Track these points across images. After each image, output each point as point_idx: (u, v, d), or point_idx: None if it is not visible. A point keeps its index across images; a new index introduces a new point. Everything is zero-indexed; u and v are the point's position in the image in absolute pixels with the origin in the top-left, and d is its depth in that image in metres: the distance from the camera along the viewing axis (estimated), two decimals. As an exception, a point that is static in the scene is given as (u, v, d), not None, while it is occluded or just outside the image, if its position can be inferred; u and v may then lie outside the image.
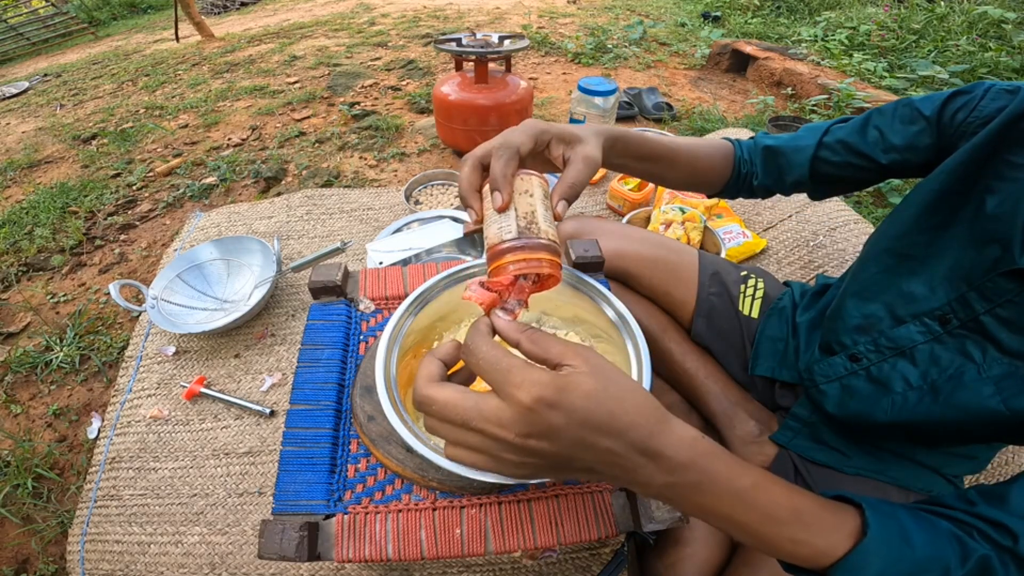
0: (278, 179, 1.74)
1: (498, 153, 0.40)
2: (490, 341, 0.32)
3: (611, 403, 0.28)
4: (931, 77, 2.13)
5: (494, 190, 0.39)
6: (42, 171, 2.01)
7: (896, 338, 0.52)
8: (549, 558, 0.75)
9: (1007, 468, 0.78)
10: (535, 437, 0.28)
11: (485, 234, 0.39)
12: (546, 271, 0.36)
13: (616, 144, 0.51)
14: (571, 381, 0.28)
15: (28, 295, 1.35)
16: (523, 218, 0.38)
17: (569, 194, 0.41)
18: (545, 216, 0.39)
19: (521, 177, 0.40)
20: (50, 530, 0.90)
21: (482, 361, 0.30)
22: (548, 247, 0.37)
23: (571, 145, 0.44)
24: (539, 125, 0.43)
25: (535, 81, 2.42)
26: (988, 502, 0.35)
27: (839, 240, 1.09)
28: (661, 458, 0.29)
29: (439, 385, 0.31)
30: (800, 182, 0.62)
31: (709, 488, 0.30)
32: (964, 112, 0.49)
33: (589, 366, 0.29)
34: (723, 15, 3.52)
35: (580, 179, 0.42)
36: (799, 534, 0.31)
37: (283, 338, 1.09)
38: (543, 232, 0.37)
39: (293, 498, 0.49)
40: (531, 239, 0.36)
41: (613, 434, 0.28)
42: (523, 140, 0.41)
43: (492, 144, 0.41)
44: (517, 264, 0.36)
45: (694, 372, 0.74)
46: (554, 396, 0.27)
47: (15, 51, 4.51)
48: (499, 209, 0.38)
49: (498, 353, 0.30)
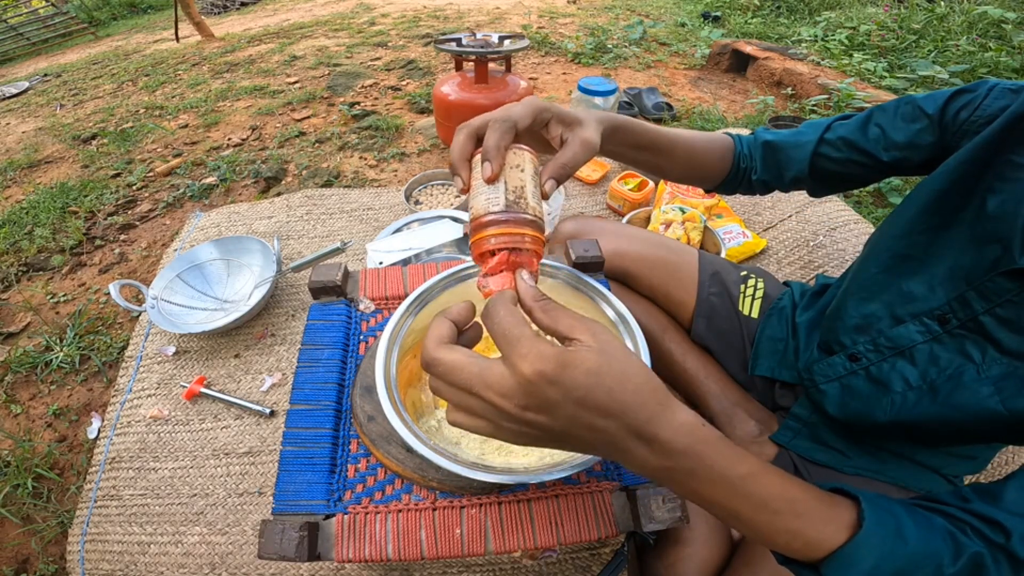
0: (278, 179, 1.74)
1: (494, 125, 0.39)
2: (509, 307, 0.31)
3: (611, 382, 0.28)
4: (931, 77, 2.13)
5: (485, 160, 0.38)
6: (42, 171, 2.01)
7: (895, 338, 0.52)
8: (549, 558, 0.75)
9: (1007, 468, 0.78)
10: (532, 410, 0.28)
11: (470, 204, 0.38)
12: (527, 247, 0.36)
13: (616, 132, 0.51)
14: (575, 357, 0.28)
15: (28, 295, 1.35)
16: (512, 192, 0.37)
17: (560, 174, 0.40)
18: (534, 193, 0.38)
19: (514, 151, 0.40)
20: (50, 530, 0.90)
21: (496, 325, 0.30)
22: (532, 223, 0.36)
23: (570, 127, 0.43)
24: (540, 103, 0.42)
25: (535, 81, 2.42)
26: (982, 499, 0.35)
27: (839, 240, 1.09)
28: (656, 442, 0.29)
29: (447, 347, 0.31)
30: (800, 178, 0.62)
31: (704, 475, 0.30)
32: (967, 111, 0.49)
33: (596, 342, 0.29)
34: (723, 15, 3.52)
35: (574, 161, 0.41)
36: (793, 524, 0.31)
37: (283, 338, 1.09)
38: (530, 208, 0.37)
39: (293, 498, 0.49)
40: (517, 213, 0.36)
41: (610, 415, 0.28)
42: (522, 115, 0.40)
43: (490, 115, 0.41)
44: (499, 238, 0.35)
45: (694, 372, 0.74)
46: (555, 371, 0.27)
47: (15, 51, 4.52)
48: (488, 180, 0.37)
49: (513, 320, 0.30)
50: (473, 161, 0.41)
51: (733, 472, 0.30)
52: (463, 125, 0.41)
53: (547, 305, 0.32)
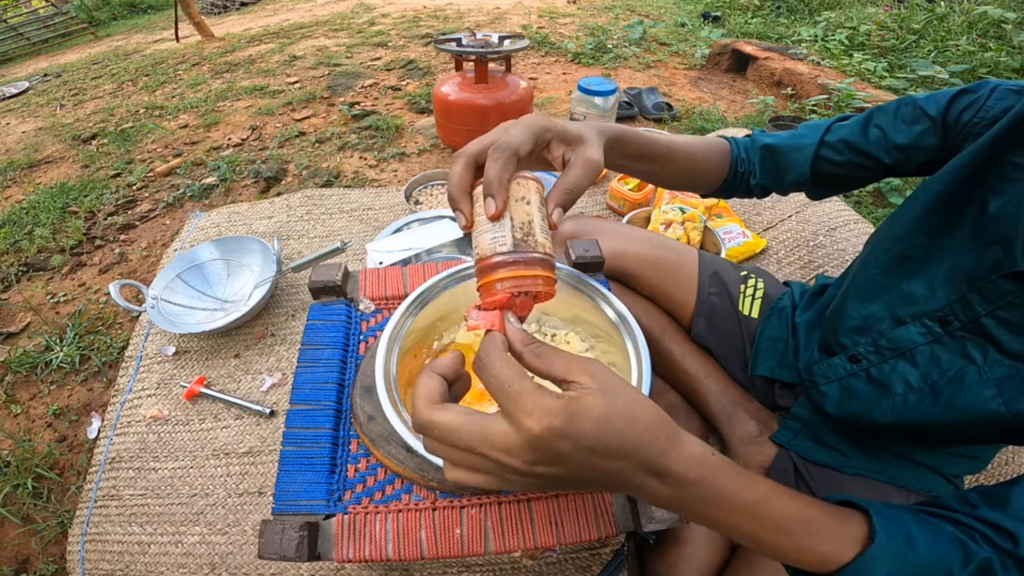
0: (278, 179, 1.74)
1: (495, 154, 0.36)
2: (504, 358, 0.30)
3: (620, 424, 0.27)
4: (931, 77, 2.13)
5: (487, 195, 0.35)
6: (42, 171, 2.01)
7: (896, 339, 0.52)
8: (549, 558, 0.75)
9: (1007, 468, 0.78)
10: (542, 464, 0.28)
11: (475, 242, 0.36)
12: (541, 289, 0.34)
13: (616, 144, 0.50)
14: (581, 405, 0.27)
15: (28, 295, 1.35)
16: (519, 229, 0.35)
17: (566, 200, 0.38)
18: (542, 226, 0.36)
19: (518, 182, 0.36)
20: (50, 530, 0.90)
21: (493, 379, 0.29)
22: (544, 262, 0.34)
23: (572, 146, 0.41)
24: (540, 123, 0.39)
25: (535, 81, 2.42)
26: (989, 505, 0.35)
27: (839, 240, 1.09)
28: (670, 475, 0.29)
29: (441, 408, 0.30)
30: (800, 182, 0.62)
31: (717, 502, 0.30)
32: (970, 112, 0.49)
33: (597, 382, 0.28)
34: (723, 15, 3.52)
35: (580, 185, 0.39)
36: (807, 543, 0.31)
37: (283, 338, 1.09)
38: (539, 245, 0.35)
39: (293, 498, 0.49)
40: (526, 253, 0.34)
41: (622, 455, 0.28)
42: (523, 140, 0.37)
43: (487, 141, 0.38)
44: (510, 281, 0.33)
45: (694, 372, 0.74)
46: (563, 424, 0.26)
47: (15, 51, 4.52)
48: (492, 218, 0.35)
49: (511, 373, 0.29)
50: (475, 194, 0.37)
51: (745, 497, 0.30)
52: (459, 153, 0.39)
53: (537, 349, 0.31)
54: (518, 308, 0.35)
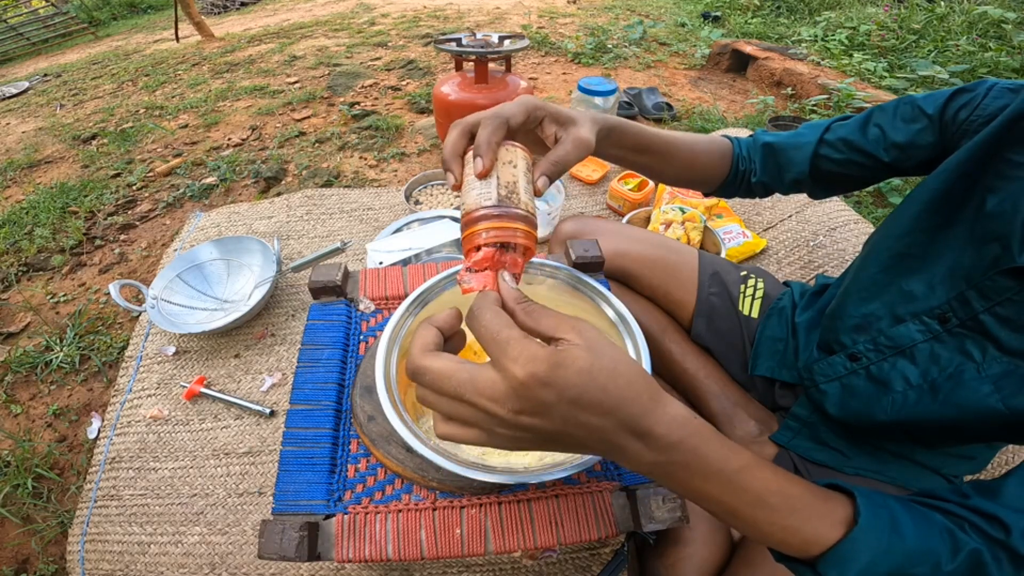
0: (278, 179, 1.74)
1: (486, 121, 0.39)
2: (495, 309, 0.31)
3: (604, 378, 0.28)
4: (931, 77, 2.13)
5: (477, 156, 0.38)
6: (42, 171, 2.01)
7: (896, 337, 0.52)
8: (549, 558, 0.75)
9: (1007, 468, 0.78)
10: (527, 413, 0.28)
11: (463, 200, 0.38)
12: (520, 241, 0.35)
13: (612, 133, 0.51)
14: (566, 356, 0.27)
15: (28, 295, 1.35)
16: (504, 187, 0.37)
17: (552, 171, 0.40)
18: (526, 188, 0.38)
19: (506, 147, 0.40)
20: (50, 530, 0.90)
21: (483, 328, 0.30)
22: (526, 218, 0.36)
23: (564, 126, 0.43)
24: (534, 101, 0.42)
25: (535, 81, 2.42)
26: (981, 495, 0.35)
27: (839, 240, 1.09)
28: (651, 436, 0.29)
29: (434, 355, 0.31)
30: (800, 180, 0.62)
31: (698, 469, 0.30)
32: (967, 110, 0.49)
33: (583, 339, 0.29)
34: (723, 15, 3.52)
35: (567, 159, 0.41)
36: (789, 521, 0.31)
37: (283, 338, 1.09)
38: (522, 203, 0.37)
39: (293, 498, 0.49)
40: (509, 208, 0.36)
41: (604, 412, 0.28)
42: (515, 112, 0.41)
43: (483, 113, 0.41)
44: (491, 232, 0.35)
45: (694, 372, 0.74)
46: (547, 372, 0.27)
47: (15, 51, 4.52)
48: (479, 175, 0.38)
49: (500, 323, 0.30)
50: (466, 158, 0.40)
51: (728, 466, 0.30)
52: (456, 122, 0.41)
53: (529, 307, 0.32)
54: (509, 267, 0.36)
